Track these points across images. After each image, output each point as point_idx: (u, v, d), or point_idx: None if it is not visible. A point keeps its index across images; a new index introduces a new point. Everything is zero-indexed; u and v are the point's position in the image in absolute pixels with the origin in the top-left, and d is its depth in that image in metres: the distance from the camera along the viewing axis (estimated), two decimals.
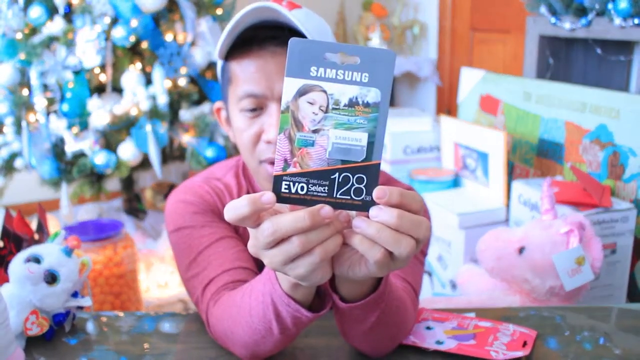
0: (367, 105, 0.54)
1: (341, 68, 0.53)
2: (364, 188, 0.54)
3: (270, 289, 0.69)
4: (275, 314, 0.70)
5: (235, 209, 0.53)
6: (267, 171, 0.89)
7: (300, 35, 0.82)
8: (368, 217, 0.54)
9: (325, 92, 0.53)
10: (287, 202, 0.55)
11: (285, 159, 0.54)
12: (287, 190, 0.54)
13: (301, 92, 0.53)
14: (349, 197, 0.54)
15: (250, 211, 0.53)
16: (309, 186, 0.54)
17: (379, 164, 0.54)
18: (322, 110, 0.53)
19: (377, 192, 0.53)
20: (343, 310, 0.70)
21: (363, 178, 0.54)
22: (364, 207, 0.54)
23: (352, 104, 0.54)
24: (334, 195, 0.54)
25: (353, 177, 0.54)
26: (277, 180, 0.54)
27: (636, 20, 1.54)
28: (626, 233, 1.36)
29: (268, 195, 0.53)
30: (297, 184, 0.54)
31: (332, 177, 0.54)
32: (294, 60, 0.53)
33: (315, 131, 0.54)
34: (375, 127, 0.54)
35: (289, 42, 0.52)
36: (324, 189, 0.54)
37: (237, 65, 0.88)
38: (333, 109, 0.54)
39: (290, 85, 0.53)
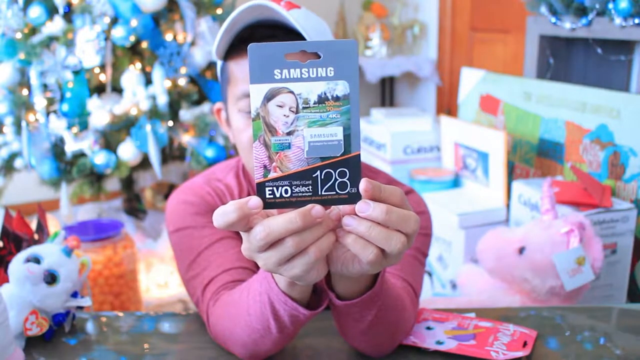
0: (337, 99, 0.53)
1: (305, 66, 0.53)
2: (347, 181, 0.54)
3: (267, 287, 0.69)
4: (272, 312, 0.70)
5: (223, 215, 0.54)
6: None
7: (298, 34, 0.81)
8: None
9: (292, 92, 0.53)
10: (274, 207, 0.54)
11: (264, 165, 0.54)
12: (271, 196, 0.54)
13: (268, 97, 0.53)
14: (334, 193, 0.54)
15: (238, 217, 0.53)
16: (293, 188, 0.54)
17: (359, 154, 0.54)
18: (292, 111, 0.53)
19: (364, 185, 0.53)
20: (340, 308, 0.70)
21: (345, 171, 0.54)
22: (351, 199, 0.54)
23: (322, 100, 0.53)
24: (319, 193, 0.54)
25: (335, 172, 0.54)
26: (260, 188, 0.54)
27: (636, 20, 1.54)
28: (626, 233, 1.36)
29: (254, 200, 0.53)
30: (280, 188, 0.54)
31: (314, 175, 0.54)
32: (256, 66, 0.53)
33: (289, 133, 0.54)
34: (349, 119, 0.53)
35: (248, 48, 0.52)
36: (308, 189, 0.54)
37: (235, 65, 0.88)
38: (303, 108, 0.53)
39: (257, 92, 0.53)
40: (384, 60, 3.62)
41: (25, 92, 2.23)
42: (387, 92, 4.04)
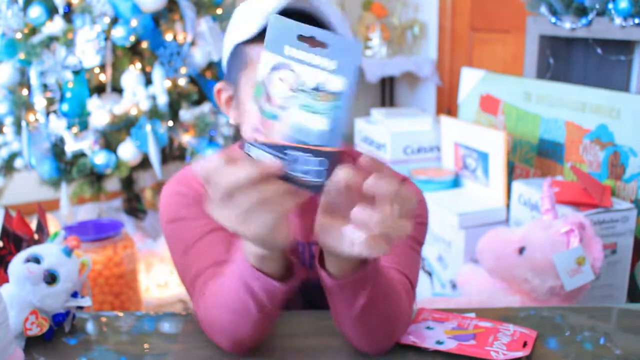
0: (330, 93, 0.55)
1: (312, 51, 0.55)
2: (321, 171, 0.56)
3: (240, 267, 0.70)
4: (248, 291, 0.71)
5: (206, 163, 0.57)
6: None
7: (325, 26, 0.81)
8: (317, 196, 0.58)
9: (294, 72, 0.55)
10: None
11: (254, 125, 0.58)
12: (249, 154, 0.58)
13: (274, 68, 0.56)
14: (301, 175, 0.57)
15: (217, 162, 0.56)
16: (269, 156, 0.57)
17: (339, 151, 0.56)
18: (290, 89, 0.56)
19: (343, 174, 0.55)
20: (331, 288, 0.71)
21: (322, 161, 0.56)
22: (314, 188, 0.57)
23: (317, 88, 0.55)
24: (289, 170, 0.56)
25: (311, 159, 0.56)
26: (245, 144, 0.58)
27: (636, 20, 1.54)
28: (626, 233, 1.36)
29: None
30: (259, 151, 0.57)
31: (291, 153, 0.56)
32: (272, 35, 0.56)
33: (281, 107, 0.56)
34: (337, 115, 0.55)
35: (270, 17, 0.55)
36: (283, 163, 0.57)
37: (257, 49, 0.84)
38: (299, 90, 0.55)
39: (267, 59, 0.56)
40: (384, 60, 3.62)
41: (25, 92, 2.23)
42: (387, 92, 4.03)
